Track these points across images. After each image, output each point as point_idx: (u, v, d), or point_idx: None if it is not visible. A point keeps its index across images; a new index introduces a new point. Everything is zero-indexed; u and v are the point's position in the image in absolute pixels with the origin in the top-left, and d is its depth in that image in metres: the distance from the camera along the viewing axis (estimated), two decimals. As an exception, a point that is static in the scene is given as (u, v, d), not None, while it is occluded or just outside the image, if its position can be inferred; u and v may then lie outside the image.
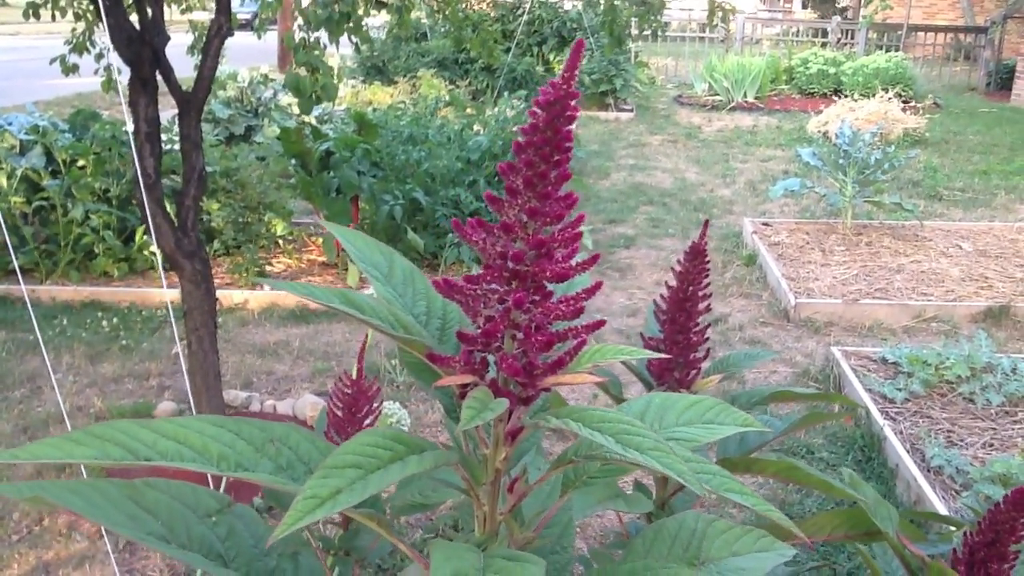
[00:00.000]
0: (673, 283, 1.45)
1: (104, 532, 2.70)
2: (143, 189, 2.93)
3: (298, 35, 2.80)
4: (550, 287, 0.83)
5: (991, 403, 3.58)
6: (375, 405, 1.51)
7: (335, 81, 2.75)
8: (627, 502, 1.01)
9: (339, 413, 1.47)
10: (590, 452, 0.79)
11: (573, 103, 0.79)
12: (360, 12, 2.78)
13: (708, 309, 1.43)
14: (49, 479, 3.24)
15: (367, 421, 1.48)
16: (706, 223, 1.45)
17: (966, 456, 3.20)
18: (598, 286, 0.84)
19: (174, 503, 0.83)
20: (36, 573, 2.68)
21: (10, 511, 2.93)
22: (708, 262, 1.40)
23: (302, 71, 2.71)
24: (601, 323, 0.86)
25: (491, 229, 0.82)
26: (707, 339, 1.45)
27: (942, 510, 2.83)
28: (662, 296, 1.46)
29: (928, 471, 3.12)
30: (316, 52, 2.71)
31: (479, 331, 0.83)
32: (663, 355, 0.95)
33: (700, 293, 1.41)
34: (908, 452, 3.22)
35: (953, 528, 1.57)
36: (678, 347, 1.42)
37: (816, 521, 1.29)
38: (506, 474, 0.89)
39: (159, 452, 0.74)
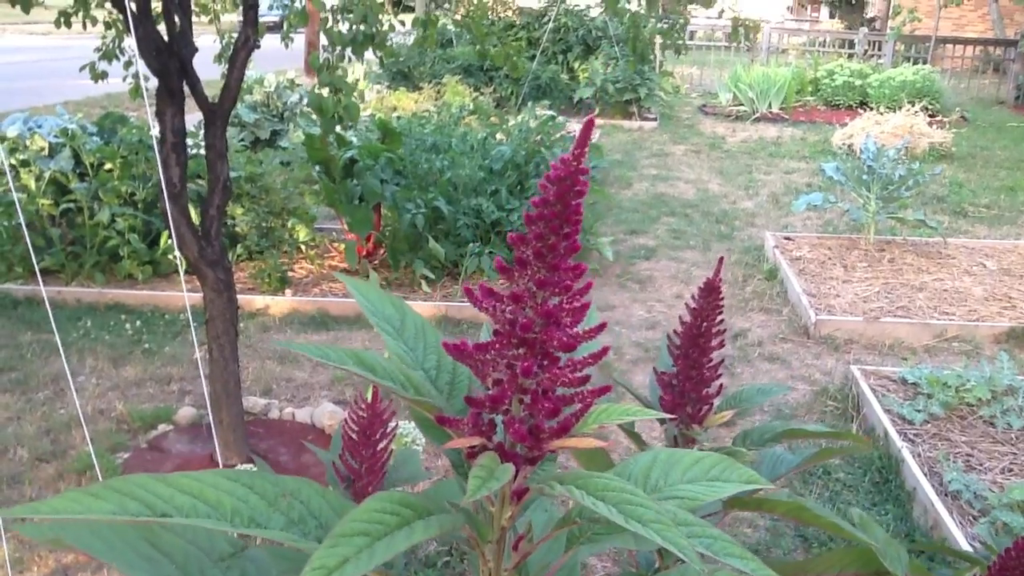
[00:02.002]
0: (688, 316, 1.46)
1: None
2: (167, 198, 2.97)
3: (322, 55, 2.82)
4: (557, 354, 0.84)
5: (1012, 427, 3.55)
6: (390, 428, 1.52)
7: (357, 102, 2.77)
8: (637, 539, 1.02)
9: (354, 436, 1.49)
10: (593, 516, 0.80)
11: (582, 179, 0.81)
12: (384, 28, 2.82)
13: (721, 345, 1.43)
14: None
15: (382, 444, 1.50)
16: (720, 261, 1.46)
17: (984, 481, 3.18)
18: (605, 351, 0.86)
19: (189, 547, 0.85)
20: (55, 576, 2.71)
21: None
22: (722, 299, 1.40)
23: (325, 91, 2.73)
24: (607, 389, 0.88)
25: (501, 297, 0.84)
26: (720, 375, 1.46)
27: (959, 536, 2.81)
28: (675, 331, 1.47)
29: (946, 496, 3.10)
30: (339, 73, 2.73)
31: (487, 395, 0.85)
32: (665, 415, 0.96)
33: (713, 330, 1.42)
34: (926, 475, 3.20)
35: (967, 564, 1.56)
36: (691, 382, 1.43)
37: (826, 560, 1.29)
38: (511, 530, 0.91)
39: (175, 507, 0.76)
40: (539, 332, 0.82)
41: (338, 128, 3.51)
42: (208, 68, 3.99)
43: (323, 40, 2.82)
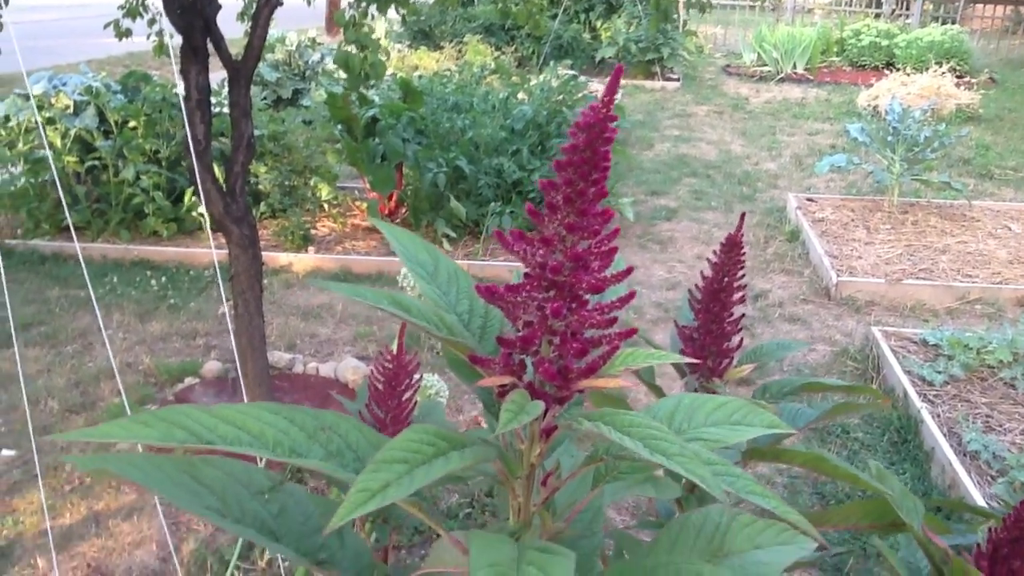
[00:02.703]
0: (709, 271, 1.48)
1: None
2: (193, 156, 2.99)
3: (348, 13, 2.82)
4: (586, 296, 0.87)
5: (1032, 389, 3.55)
6: (415, 379, 1.55)
7: (383, 59, 2.77)
8: (656, 488, 1.05)
9: (380, 387, 1.52)
10: (619, 452, 0.83)
11: (611, 125, 0.82)
12: (408, -15, 2.81)
13: (742, 300, 1.45)
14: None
15: (407, 395, 1.53)
16: (742, 217, 1.47)
17: (1004, 442, 3.19)
18: (631, 296, 0.89)
19: (229, 480, 0.89)
20: (87, 523, 2.79)
21: (63, 462, 3.05)
22: (744, 254, 1.42)
23: (352, 48, 2.73)
24: (632, 331, 0.90)
25: (531, 241, 0.86)
26: (740, 329, 1.48)
27: (977, 496, 2.83)
28: (697, 286, 1.49)
29: (964, 456, 3.12)
30: (365, 30, 2.73)
31: (518, 336, 0.88)
32: (690, 359, 0.98)
33: (735, 284, 1.44)
34: (945, 436, 3.21)
35: (983, 518, 1.58)
36: (711, 336, 1.45)
37: (843, 511, 1.31)
38: (540, 467, 0.94)
39: (220, 436, 0.80)
40: (568, 275, 0.85)
41: (361, 87, 3.53)
42: (230, 26, 3.99)
43: (349, -2, 2.82)
